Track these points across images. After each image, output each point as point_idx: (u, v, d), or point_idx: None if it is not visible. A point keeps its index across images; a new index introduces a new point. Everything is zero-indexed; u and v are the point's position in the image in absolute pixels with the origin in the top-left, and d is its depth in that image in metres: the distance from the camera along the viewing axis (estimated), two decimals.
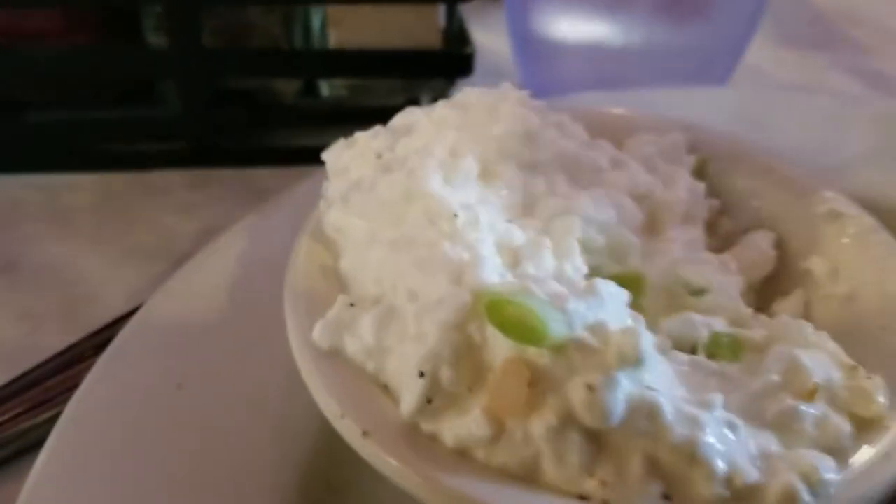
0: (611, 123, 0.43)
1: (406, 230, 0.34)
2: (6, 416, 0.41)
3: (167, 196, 0.60)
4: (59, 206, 0.58)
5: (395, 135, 0.39)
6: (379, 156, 0.38)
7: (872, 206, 0.42)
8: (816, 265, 0.40)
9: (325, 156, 0.40)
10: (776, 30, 0.78)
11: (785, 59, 0.77)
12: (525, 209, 0.36)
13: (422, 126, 0.38)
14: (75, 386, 0.38)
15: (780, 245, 0.41)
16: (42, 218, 0.57)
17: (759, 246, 0.41)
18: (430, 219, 0.33)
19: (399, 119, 0.40)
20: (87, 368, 0.39)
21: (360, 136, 0.40)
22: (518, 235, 0.34)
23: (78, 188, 0.60)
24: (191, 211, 0.58)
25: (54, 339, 0.47)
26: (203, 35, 0.57)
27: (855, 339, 0.36)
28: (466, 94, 0.39)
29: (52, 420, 0.37)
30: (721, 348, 0.34)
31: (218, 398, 0.38)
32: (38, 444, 0.36)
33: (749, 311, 0.38)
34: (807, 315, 0.39)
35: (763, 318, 0.37)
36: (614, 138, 0.43)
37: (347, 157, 0.39)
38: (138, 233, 0.57)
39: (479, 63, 0.70)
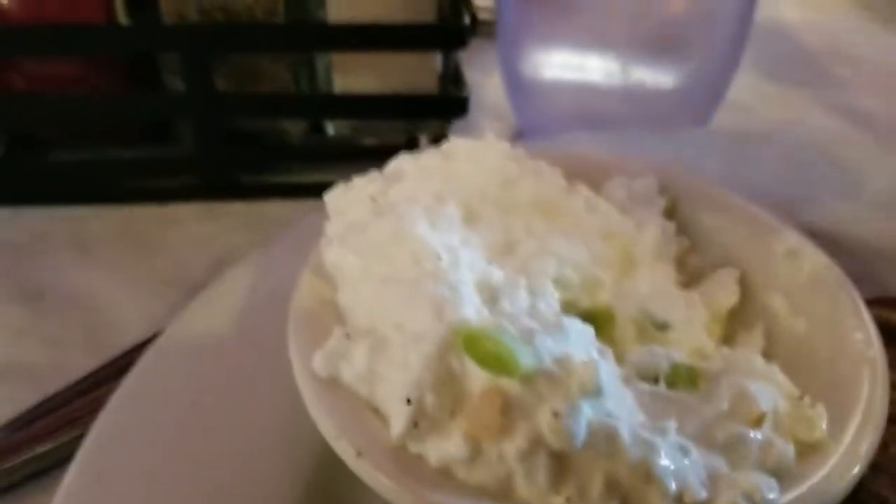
0: (588, 167, 0.47)
1: (394, 269, 0.38)
2: (34, 436, 0.45)
3: (183, 227, 0.63)
4: (82, 237, 0.62)
5: (388, 180, 0.43)
6: (373, 199, 0.42)
7: (837, 235, 0.45)
8: (776, 300, 0.43)
9: (326, 197, 0.44)
10: (760, 66, 0.81)
11: (769, 94, 0.81)
12: (505, 249, 0.40)
13: (411, 173, 0.42)
14: (98, 407, 0.42)
15: (743, 281, 0.45)
16: (67, 248, 0.61)
17: (724, 282, 0.45)
18: (416, 259, 0.37)
19: (392, 166, 0.44)
20: (110, 391, 0.43)
21: (357, 181, 0.43)
22: (496, 275, 0.38)
23: (101, 220, 0.63)
24: (204, 242, 0.62)
25: (78, 363, 0.50)
26: (216, 79, 0.62)
27: (807, 369, 0.40)
28: (453, 144, 0.43)
29: (77, 439, 0.41)
30: (680, 378, 0.37)
31: (229, 417, 0.42)
32: (63, 462, 0.40)
33: (711, 343, 0.41)
34: (768, 346, 0.43)
35: (724, 350, 0.41)
36: (591, 181, 0.46)
37: (346, 199, 0.43)
38: (156, 262, 0.60)
39: (477, 100, 0.74)
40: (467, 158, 0.42)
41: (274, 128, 0.68)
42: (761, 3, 0.88)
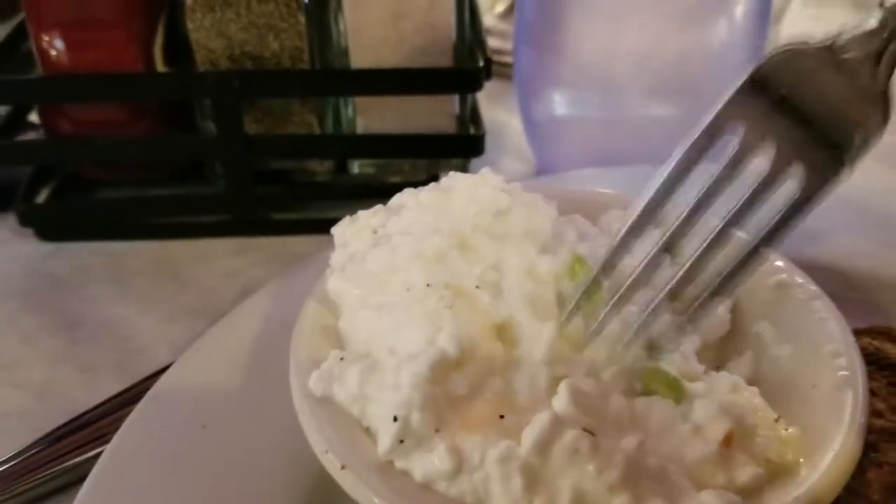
0: (584, 201, 0.49)
1: (388, 297, 0.40)
2: (63, 451, 0.49)
3: (213, 262, 0.67)
4: (119, 270, 0.66)
5: (390, 213, 0.45)
6: (375, 231, 0.45)
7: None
8: (765, 329, 0.45)
9: (333, 230, 0.47)
10: None
11: None
12: (495, 273, 0.42)
13: (410, 207, 0.45)
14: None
15: (735, 310, 0.46)
16: (104, 281, 0.65)
17: (717, 311, 0.46)
18: (408, 288, 0.40)
19: (394, 200, 0.47)
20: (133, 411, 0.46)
21: (362, 214, 0.46)
22: (484, 299, 0.40)
23: (137, 254, 0.67)
24: (233, 275, 0.66)
25: (109, 387, 0.54)
26: (246, 122, 0.66)
27: (790, 394, 0.41)
28: (451, 178, 0.46)
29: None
30: (660, 384, 0.39)
31: (236, 438, 0.45)
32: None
33: (701, 368, 0.42)
34: (755, 371, 0.44)
35: (712, 373, 0.42)
36: (588, 214, 0.49)
37: (350, 231, 0.46)
38: (186, 294, 0.64)
39: (499, 139, 0.77)
40: (463, 192, 0.45)
41: (301, 167, 0.71)
42: (771, 39, 0.89)
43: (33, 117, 0.72)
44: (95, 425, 0.50)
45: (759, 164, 0.38)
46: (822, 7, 1.07)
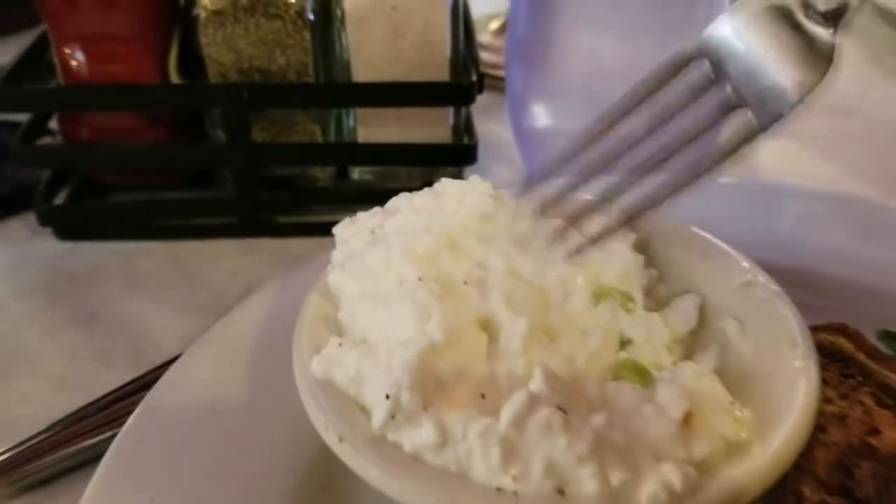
0: (568, 206, 0.53)
1: (383, 290, 0.44)
2: (81, 432, 0.53)
3: (220, 261, 0.71)
4: (132, 269, 0.70)
5: (386, 215, 0.49)
6: (372, 231, 0.49)
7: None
8: (729, 325, 0.48)
9: (334, 229, 0.51)
10: None
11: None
12: (481, 271, 0.46)
13: (405, 209, 0.49)
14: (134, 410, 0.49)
15: (703, 307, 0.50)
16: (118, 279, 0.69)
17: (686, 308, 0.50)
18: (401, 282, 0.44)
19: (391, 203, 0.51)
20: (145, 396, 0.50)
21: (361, 216, 0.50)
22: (471, 293, 0.44)
23: (149, 254, 0.72)
24: (239, 273, 0.70)
25: (123, 377, 0.57)
26: (253, 131, 0.70)
27: (750, 382, 0.45)
28: (443, 184, 0.50)
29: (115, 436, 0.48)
30: (629, 371, 0.43)
31: (243, 419, 0.49)
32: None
33: (669, 360, 0.46)
34: (720, 363, 0.47)
35: (679, 363, 0.46)
36: (568, 218, 0.53)
37: (349, 231, 0.50)
38: (195, 291, 0.68)
39: (493, 149, 0.81)
40: (453, 196, 0.49)
41: (304, 173, 0.75)
42: None
43: (52, 124, 0.76)
44: (110, 409, 0.54)
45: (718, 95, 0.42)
46: None
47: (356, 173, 0.76)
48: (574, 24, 0.66)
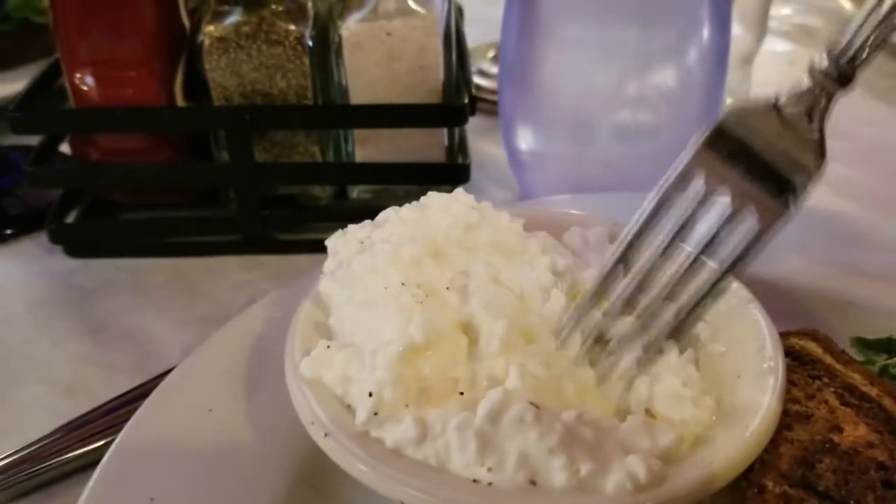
0: (549, 220, 0.56)
1: (369, 295, 0.47)
2: (84, 436, 0.55)
3: (224, 277, 0.73)
4: (139, 284, 0.73)
5: (375, 227, 0.52)
6: (361, 242, 0.51)
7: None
8: (702, 329, 0.50)
9: (327, 241, 0.54)
10: None
11: None
12: (464, 278, 0.49)
13: (392, 220, 0.51)
14: None
15: (678, 313, 0.52)
16: (126, 292, 0.72)
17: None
18: (385, 286, 0.46)
19: (381, 216, 0.53)
20: None
21: (352, 227, 0.53)
22: (452, 298, 0.47)
23: (155, 270, 0.74)
24: (242, 288, 0.72)
25: (128, 383, 0.60)
26: (256, 152, 0.73)
27: (721, 382, 0.47)
28: (429, 197, 0.53)
29: None
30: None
31: (238, 418, 0.51)
32: None
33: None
34: (694, 365, 0.50)
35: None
36: (553, 231, 0.55)
37: (340, 242, 0.53)
38: (199, 305, 0.70)
39: (486, 168, 0.84)
40: (438, 208, 0.52)
41: (305, 192, 0.78)
42: (754, 81, 0.96)
43: (63, 147, 0.79)
44: (112, 415, 0.57)
45: (722, 203, 0.44)
46: (798, 44, 1.14)
47: (355, 192, 0.79)
48: (560, 50, 0.69)
